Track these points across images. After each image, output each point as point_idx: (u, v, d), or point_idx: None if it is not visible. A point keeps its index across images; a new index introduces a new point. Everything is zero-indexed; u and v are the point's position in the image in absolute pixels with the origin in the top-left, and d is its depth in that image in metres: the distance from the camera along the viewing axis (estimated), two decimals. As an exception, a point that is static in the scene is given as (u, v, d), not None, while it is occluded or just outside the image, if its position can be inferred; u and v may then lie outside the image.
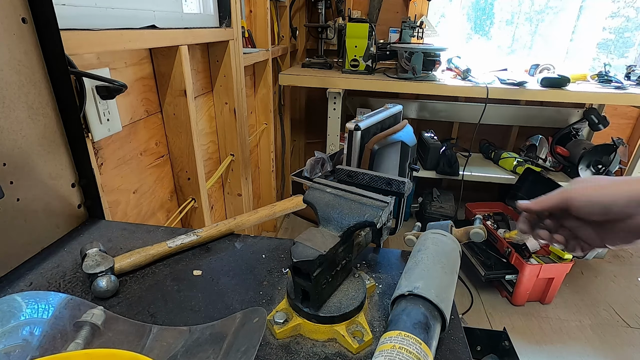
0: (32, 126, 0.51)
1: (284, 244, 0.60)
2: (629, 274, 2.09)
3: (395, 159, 1.20)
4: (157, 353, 0.38)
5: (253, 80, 1.80)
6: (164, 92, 0.96)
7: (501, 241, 1.87)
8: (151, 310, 0.45)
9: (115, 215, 0.81)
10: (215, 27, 1.24)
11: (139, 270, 0.52)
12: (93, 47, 0.64)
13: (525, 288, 1.76)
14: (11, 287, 0.47)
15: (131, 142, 0.86)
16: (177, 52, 0.91)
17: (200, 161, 1.06)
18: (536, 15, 2.51)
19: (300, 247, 0.39)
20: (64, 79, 0.54)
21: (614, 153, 1.93)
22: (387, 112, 1.21)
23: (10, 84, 0.48)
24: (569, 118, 2.37)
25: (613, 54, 2.48)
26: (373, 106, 2.43)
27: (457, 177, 2.10)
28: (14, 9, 0.47)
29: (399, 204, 1.34)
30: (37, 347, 0.37)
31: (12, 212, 0.49)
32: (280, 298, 0.47)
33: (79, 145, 0.59)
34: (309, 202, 0.47)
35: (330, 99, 1.87)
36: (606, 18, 2.41)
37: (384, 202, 0.44)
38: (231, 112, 1.32)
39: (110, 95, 0.70)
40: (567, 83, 1.81)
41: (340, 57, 2.08)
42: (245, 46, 1.58)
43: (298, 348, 0.40)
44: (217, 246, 0.58)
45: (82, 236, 0.59)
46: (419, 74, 1.84)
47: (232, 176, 1.47)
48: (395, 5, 2.35)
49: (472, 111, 2.40)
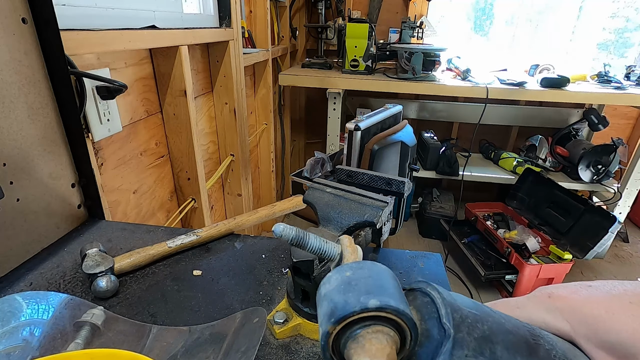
0: (32, 126, 0.51)
1: (284, 244, 0.60)
2: (628, 274, 2.09)
3: (395, 159, 1.20)
4: (157, 353, 0.38)
5: (253, 81, 1.80)
6: (164, 92, 0.96)
7: (501, 241, 1.87)
8: (151, 310, 0.45)
9: (115, 215, 0.81)
10: (215, 27, 1.24)
11: (139, 270, 0.52)
12: (93, 48, 0.64)
13: (525, 288, 1.76)
14: (11, 287, 0.47)
15: (131, 142, 0.86)
16: (177, 52, 0.91)
17: (200, 161, 1.06)
18: (536, 15, 2.51)
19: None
20: (64, 79, 0.54)
21: (614, 153, 1.93)
22: (387, 112, 1.22)
23: (10, 84, 0.48)
24: (569, 118, 2.37)
25: (613, 54, 2.48)
26: (373, 106, 2.43)
27: (457, 177, 2.10)
28: (14, 9, 0.47)
29: (399, 204, 1.35)
30: (37, 348, 0.37)
31: (12, 212, 0.49)
32: (280, 298, 0.47)
33: (79, 145, 0.59)
34: (308, 202, 0.47)
35: (330, 99, 1.87)
36: (606, 18, 2.41)
37: (384, 202, 0.44)
38: (231, 112, 1.32)
39: (110, 96, 0.70)
40: (567, 83, 1.82)
41: (340, 57, 2.08)
42: (245, 46, 1.58)
43: (298, 348, 0.40)
44: (217, 246, 0.58)
45: (82, 236, 0.59)
46: (419, 74, 1.84)
47: (232, 176, 1.47)
48: (395, 5, 2.36)
49: (471, 111, 2.40)
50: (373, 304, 0.20)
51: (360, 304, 0.20)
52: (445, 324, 0.21)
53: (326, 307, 0.21)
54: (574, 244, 1.73)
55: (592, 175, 2.00)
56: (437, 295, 0.23)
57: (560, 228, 1.82)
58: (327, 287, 0.23)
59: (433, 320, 0.22)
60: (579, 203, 1.76)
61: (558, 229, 1.83)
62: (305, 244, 0.31)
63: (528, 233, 1.92)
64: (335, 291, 0.22)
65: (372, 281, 0.22)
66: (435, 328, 0.22)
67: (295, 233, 0.31)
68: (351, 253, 0.30)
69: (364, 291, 0.21)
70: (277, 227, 0.30)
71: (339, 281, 0.22)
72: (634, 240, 2.40)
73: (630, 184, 1.97)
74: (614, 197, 2.00)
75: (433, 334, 0.22)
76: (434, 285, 0.24)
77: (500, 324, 0.23)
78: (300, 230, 0.31)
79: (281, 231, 0.30)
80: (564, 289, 0.27)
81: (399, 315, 0.20)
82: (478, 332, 0.21)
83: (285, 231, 0.30)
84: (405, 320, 0.20)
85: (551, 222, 1.89)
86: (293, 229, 0.31)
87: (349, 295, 0.21)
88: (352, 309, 0.20)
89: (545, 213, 1.93)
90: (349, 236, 0.32)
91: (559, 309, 0.26)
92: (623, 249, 2.32)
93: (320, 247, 0.31)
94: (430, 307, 0.23)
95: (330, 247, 0.31)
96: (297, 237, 0.31)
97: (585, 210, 1.73)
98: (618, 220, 1.58)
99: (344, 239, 0.32)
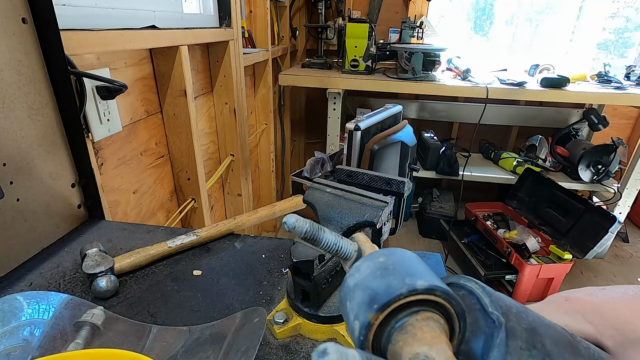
0: (32, 126, 0.51)
1: (284, 244, 0.60)
2: (628, 274, 2.09)
3: (395, 159, 1.20)
4: (157, 353, 0.38)
5: (253, 81, 1.80)
6: (164, 92, 0.96)
7: (501, 241, 1.87)
8: (151, 310, 0.45)
9: (115, 215, 0.81)
10: (215, 27, 1.24)
11: (139, 270, 0.52)
12: (93, 48, 0.64)
13: (525, 288, 1.76)
14: (11, 287, 0.47)
15: (131, 142, 0.86)
16: (177, 52, 0.91)
17: (200, 161, 1.06)
18: (536, 16, 2.51)
19: (300, 247, 0.39)
20: (64, 79, 0.54)
21: (614, 153, 1.93)
22: (387, 112, 1.21)
23: (10, 84, 0.48)
24: (569, 118, 2.37)
25: (613, 54, 2.48)
26: (373, 106, 2.43)
27: (457, 177, 2.10)
28: (14, 9, 0.47)
29: (399, 204, 1.34)
30: (38, 347, 0.37)
31: (12, 212, 0.49)
32: (280, 298, 0.47)
33: (79, 145, 0.59)
34: (308, 202, 0.47)
35: (330, 99, 1.87)
36: (606, 18, 2.41)
37: (384, 202, 0.44)
38: (231, 112, 1.32)
39: (110, 96, 0.70)
40: (567, 83, 1.82)
41: (340, 57, 2.08)
42: (245, 46, 1.58)
43: (298, 348, 0.40)
44: (217, 246, 0.58)
45: (82, 236, 0.59)
46: (419, 74, 1.84)
47: (232, 176, 1.47)
48: (395, 5, 2.36)
49: (471, 111, 2.40)
50: (421, 285, 0.17)
51: (406, 286, 0.17)
52: (492, 313, 0.19)
53: (361, 296, 0.19)
54: (574, 244, 1.73)
55: (592, 175, 2.00)
56: (475, 285, 0.21)
57: (560, 228, 1.82)
58: (358, 277, 0.20)
59: (475, 312, 0.20)
60: (579, 203, 1.76)
61: (558, 229, 1.83)
62: (320, 238, 0.27)
63: (528, 233, 1.92)
64: (371, 277, 0.19)
65: (410, 265, 0.19)
66: (481, 320, 0.19)
67: (309, 226, 0.27)
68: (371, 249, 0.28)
69: (405, 274, 0.18)
70: (289, 218, 0.26)
71: (372, 268, 0.20)
72: (634, 240, 2.40)
73: (630, 184, 1.97)
74: (614, 197, 2.00)
75: (480, 325, 0.19)
76: (468, 277, 0.21)
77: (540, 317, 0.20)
78: (314, 223, 0.28)
79: (294, 222, 0.26)
80: (580, 292, 0.27)
81: (448, 299, 0.18)
82: (525, 322, 0.19)
83: (299, 223, 0.27)
84: (454, 306, 0.18)
85: (551, 222, 1.89)
86: (307, 221, 0.27)
87: (390, 278, 0.18)
88: (398, 292, 0.17)
89: (545, 213, 1.93)
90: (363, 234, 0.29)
91: (580, 312, 0.26)
92: (623, 249, 2.32)
93: (336, 242, 0.27)
94: (470, 299, 0.20)
95: (347, 244, 0.28)
96: (311, 230, 0.27)
97: (585, 210, 1.73)
98: (618, 220, 1.58)
99: (360, 236, 0.29)
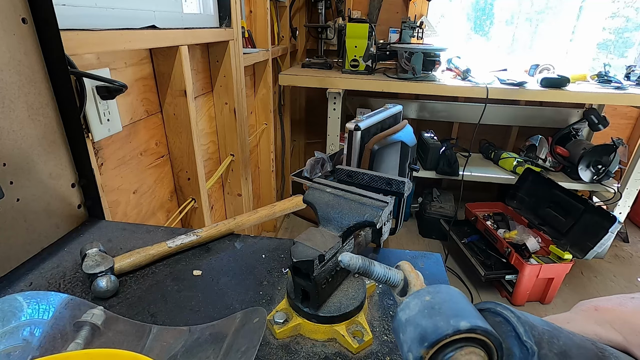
0: (32, 126, 0.51)
1: (284, 244, 0.60)
2: (628, 274, 2.09)
3: (395, 159, 1.20)
4: (157, 353, 0.38)
5: (253, 81, 1.80)
6: (164, 92, 0.96)
7: (501, 241, 1.87)
8: (151, 310, 0.45)
9: (115, 215, 0.81)
10: (215, 27, 1.24)
11: (139, 270, 0.52)
12: (93, 48, 0.64)
13: (525, 288, 1.76)
14: (11, 287, 0.47)
15: (131, 142, 0.86)
16: (177, 52, 0.91)
17: (200, 161, 1.06)
18: (536, 16, 2.51)
19: (300, 247, 0.39)
20: (64, 79, 0.54)
21: (614, 153, 1.93)
22: (387, 112, 1.22)
23: (10, 84, 0.48)
24: (569, 118, 2.37)
25: (613, 54, 2.48)
26: (373, 106, 2.43)
27: (457, 177, 2.10)
28: (14, 9, 0.47)
29: (399, 204, 1.35)
30: (38, 347, 0.37)
31: (12, 212, 0.49)
32: (280, 298, 0.47)
33: (79, 145, 0.59)
34: (308, 202, 0.47)
35: (330, 99, 1.87)
36: (606, 18, 2.41)
37: (384, 202, 0.44)
38: (231, 112, 1.32)
39: (110, 96, 0.70)
40: (567, 83, 1.82)
41: (340, 57, 2.08)
42: (245, 46, 1.58)
43: (298, 348, 0.40)
44: (217, 246, 0.58)
45: (82, 236, 0.59)
46: (419, 74, 1.84)
47: (232, 176, 1.47)
48: (395, 5, 2.36)
49: (471, 111, 2.40)
50: (464, 326, 0.20)
51: (452, 327, 0.20)
52: (526, 341, 0.21)
53: (413, 332, 0.22)
54: (574, 244, 1.73)
55: (592, 175, 2.00)
56: (510, 314, 0.23)
57: (560, 228, 1.82)
58: (408, 313, 0.23)
59: (511, 339, 0.22)
60: (579, 203, 1.76)
61: (558, 229, 1.83)
62: (371, 271, 0.32)
63: (528, 233, 1.92)
64: (420, 316, 0.22)
65: (454, 304, 0.22)
66: (515, 347, 0.22)
67: (361, 262, 0.32)
68: (416, 278, 0.31)
69: (450, 314, 0.21)
70: (344, 257, 0.32)
71: (420, 306, 0.23)
72: (634, 240, 2.40)
73: (630, 184, 1.97)
74: (614, 197, 2.00)
75: (515, 352, 0.22)
76: (503, 305, 0.24)
77: (570, 339, 0.23)
78: (366, 259, 0.33)
79: (348, 261, 0.32)
80: (609, 302, 0.28)
81: (488, 336, 0.21)
82: (556, 347, 0.22)
83: (353, 261, 0.32)
84: (492, 340, 0.21)
85: (551, 222, 1.89)
86: (359, 258, 0.32)
87: (437, 318, 0.21)
88: (444, 332, 0.20)
89: (545, 213, 1.93)
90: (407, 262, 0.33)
91: (609, 321, 0.27)
92: (623, 249, 2.32)
93: (385, 274, 0.32)
94: (505, 326, 0.23)
95: (394, 274, 0.32)
96: (363, 266, 0.32)
97: (585, 210, 1.73)
98: (618, 220, 1.58)
99: (404, 265, 0.33)
